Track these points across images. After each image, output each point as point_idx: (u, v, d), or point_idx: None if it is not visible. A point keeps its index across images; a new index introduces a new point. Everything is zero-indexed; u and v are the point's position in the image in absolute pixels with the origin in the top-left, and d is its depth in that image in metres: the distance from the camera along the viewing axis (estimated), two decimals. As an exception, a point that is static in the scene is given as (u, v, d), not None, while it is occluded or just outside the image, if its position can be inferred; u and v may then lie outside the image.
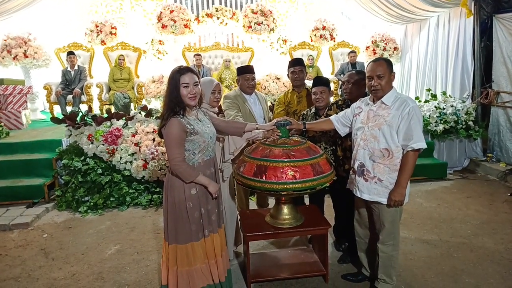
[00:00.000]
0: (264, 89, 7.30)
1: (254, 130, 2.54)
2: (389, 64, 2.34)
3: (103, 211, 4.27)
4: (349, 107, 2.64)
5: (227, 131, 2.54)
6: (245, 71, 3.36)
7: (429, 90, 6.38)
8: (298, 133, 2.73)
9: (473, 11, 5.66)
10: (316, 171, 2.36)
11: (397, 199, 2.28)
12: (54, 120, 4.90)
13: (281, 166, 2.32)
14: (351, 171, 2.54)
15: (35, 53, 6.95)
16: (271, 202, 3.35)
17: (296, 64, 3.46)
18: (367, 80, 2.37)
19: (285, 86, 7.19)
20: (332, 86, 7.04)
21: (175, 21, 7.68)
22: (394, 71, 2.37)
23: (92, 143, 4.51)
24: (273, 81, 7.41)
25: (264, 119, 3.47)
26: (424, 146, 2.22)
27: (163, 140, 2.27)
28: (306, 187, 2.33)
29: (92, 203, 4.28)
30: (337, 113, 2.72)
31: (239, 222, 2.93)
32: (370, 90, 2.37)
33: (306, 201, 3.47)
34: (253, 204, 4.11)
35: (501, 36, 5.48)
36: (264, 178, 2.33)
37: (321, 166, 2.42)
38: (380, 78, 2.29)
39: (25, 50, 6.87)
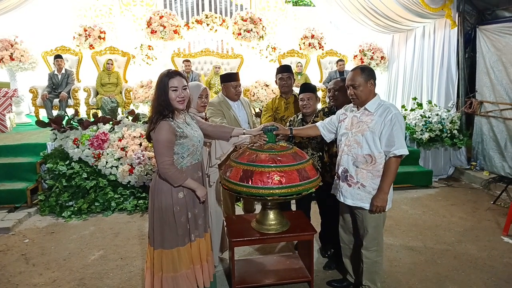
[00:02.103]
0: (253, 95, 7.33)
1: (241, 135, 2.54)
2: (365, 72, 2.34)
3: (87, 216, 4.19)
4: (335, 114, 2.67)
5: (214, 135, 2.53)
6: (232, 79, 3.35)
7: (415, 99, 6.49)
8: (284, 138, 2.75)
9: (457, 23, 5.81)
10: (302, 176, 2.37)
11: (379, 204, 2.31)
12: (39, 123, 4.82)
13: (267, 171, 2.33)
14: (335, 176, 2.56)
15: (21, 56, 6.83)
16: (258, 207, 3.34)
17: (284, 70, 3.49)
18: (347, 89, 2.42)
19: (274, 93, 7.21)
20: (320, 94, 7.10)
21: (164, 27, 7.68)
22: (372, 78, 2.36)
23: (77, 147, 4.45)
24: (262, 88, 7.44)
25: (248, 123, 3.48)
26: (406, 152, 2.25)
27: (151, 144, 2.24)
28: (292, 192, 2.33)
29: (76, 208, 4.20)
30: (323, 120, 2.75)
31: (225, 228, 2.91)
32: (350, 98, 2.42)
33: (293, 207, 3.47)
34: (239, 210, 4.09)
35: (484, 47, 5.62)
36: (250, 183, 2.32)
37: (307, 172, 2.43)
38: (355, 87, 2.34)
39: (11, 53, 6.75)
